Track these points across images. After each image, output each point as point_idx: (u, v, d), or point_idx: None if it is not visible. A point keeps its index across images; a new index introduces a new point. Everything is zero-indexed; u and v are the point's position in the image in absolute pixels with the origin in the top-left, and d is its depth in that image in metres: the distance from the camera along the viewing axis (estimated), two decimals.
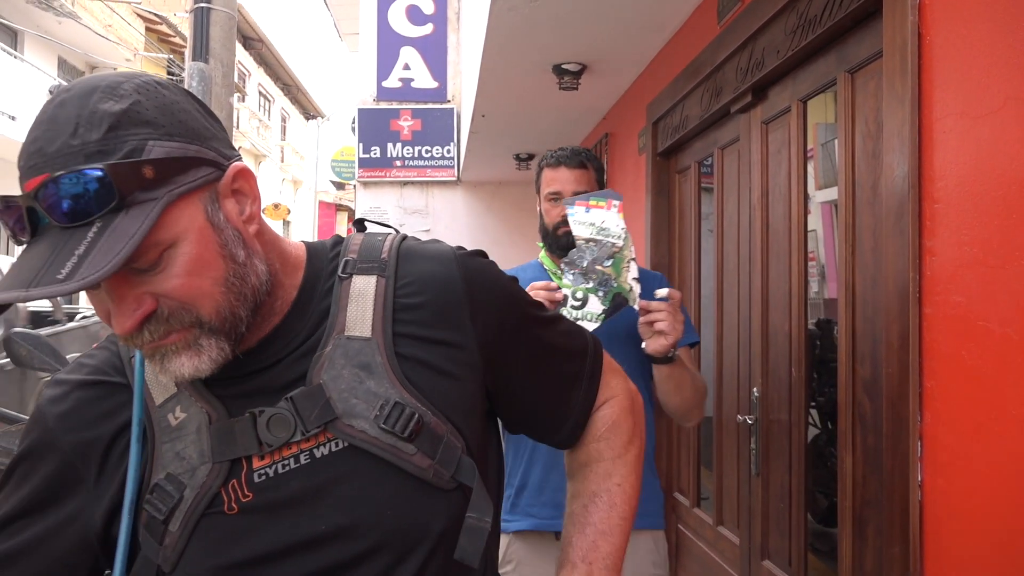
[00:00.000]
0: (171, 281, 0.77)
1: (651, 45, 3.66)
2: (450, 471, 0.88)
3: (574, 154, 2.08)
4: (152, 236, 0.74)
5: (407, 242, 0.98)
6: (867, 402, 1.89)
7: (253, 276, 0.84)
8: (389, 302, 0.91)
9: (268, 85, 24.93)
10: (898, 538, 1.65)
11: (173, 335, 0.79)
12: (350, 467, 0.86)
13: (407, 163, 7.77)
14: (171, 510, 0.85)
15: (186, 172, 0.77)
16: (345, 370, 0.87)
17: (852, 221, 2.00)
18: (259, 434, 0.85)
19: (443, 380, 0.91)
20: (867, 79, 1.97)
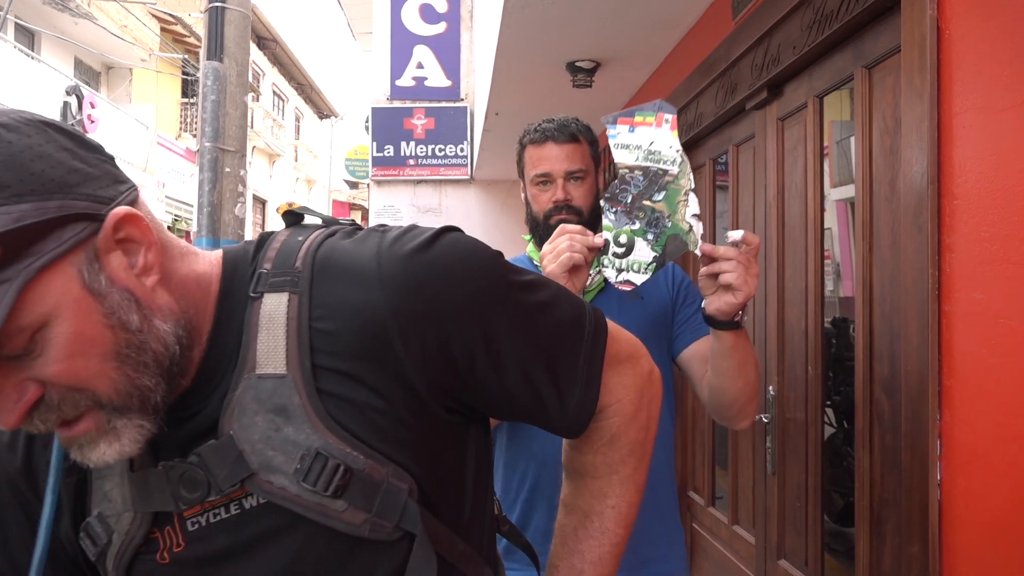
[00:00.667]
0: (50, 367, 0.66)
1: (665, 42, 3.64)
2: (393, 520, 0.77)
3: (562, 126, 1.72)
4: (13, 322, 0.63)
5: (327, 246, 0.81)
6: (885, 400, 1.87)
7: (154, 342, 0.71)
8: (304, 327, 0.76)
9: (282, 84, 25.02)
10: (917, 537, 1.64)
11: (81, 424, 0.69)
12: (277, 523, 0.77)
13: (420, 162, 7.78)
14: (102, 551, 0.81)
15: (46, 237, 0.64)
16: (258, 416, 0.75)
17: (870, 218, 1.98)
18: (172, 490, 0.76)
19: (375, 416, 0.77)
20: (885, 74, 1.95)
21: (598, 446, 0.95)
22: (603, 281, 1.65)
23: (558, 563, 0.96)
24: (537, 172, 1.70)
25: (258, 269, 0.80)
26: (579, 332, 0.90)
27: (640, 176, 1.44)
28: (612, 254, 1.44)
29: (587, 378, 0.90)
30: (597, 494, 0.96)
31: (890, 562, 1.84)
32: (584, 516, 0.96)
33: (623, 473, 0.96)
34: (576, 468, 0.98)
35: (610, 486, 0.95)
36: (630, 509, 0.96)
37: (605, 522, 0.95)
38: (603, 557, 0.94)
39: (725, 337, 1.45)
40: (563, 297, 0.91)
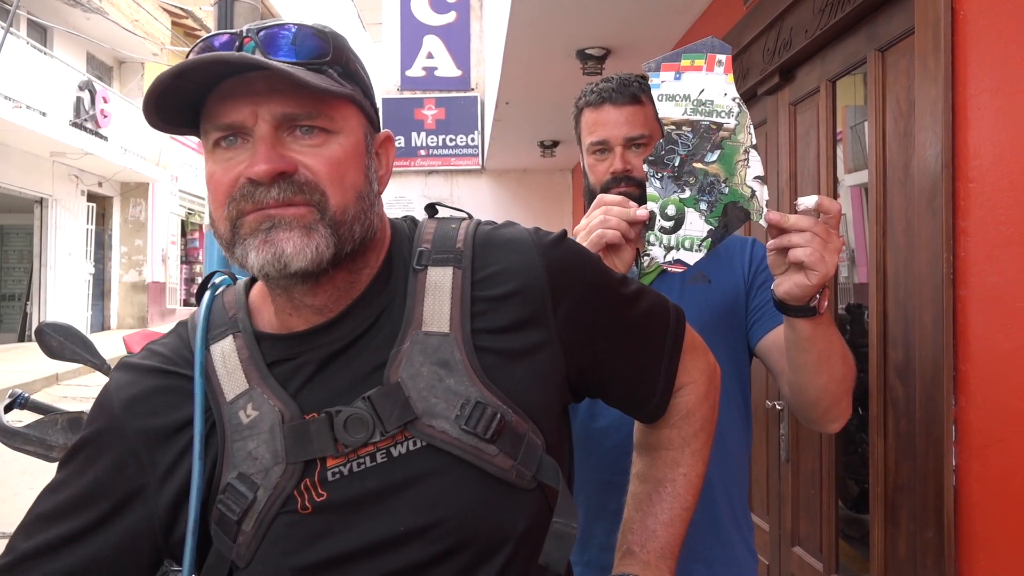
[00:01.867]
0: (321, 156, 0.81)
1: (676, 28, 3.62)
2: (531, 471, 0.86)
3: (623, 85, 1.50)
4: (330, 106, 0.82)
5: (482, 229, 0.95)
6: (899, 386, 1.86)
7: (375, 211, 0.88)
8: (467, 295, 0.88)
9: None
10: (932, 523, 1.63)
11: (296, 207, 0.80)
12: (429, 466, 0.83)
13: (431, 152, 7.77)
14: (244, 510, 0.83)
15: (365, 100, 0.88)
16: (424, 368, 0.84)
17: (883, 202, 1.97)
18: (336, 435, 0.82)
19: (524, 376, 0.87)
20: (898, 57, 1.93)
21: (675, 420, 1.05)
22: None
23: (633, 526, 1.02)
24: (593, 139, 1.51)
25: (418, 247, 0.92)
26: (664, 316, 1.03)
27: (689, 133, 1.20)
28: (659, 229, 1.22)
29: (671, 356, 1.02)
30: (671, 463, 1.04)
31: (905, 548, 1.83)
32: (658, 483, 1.04)
33: (694, 446, 1.05)
34: (651, 443, 1.07)
35: (683, 456, 1.05)
36: (699, 480, 1.05)
37: (677, 488, 1.03)
38: (674, 519, 1.02)
39: (800, 326, 1.20)
40: (648, 289, 1.05)
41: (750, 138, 1.19)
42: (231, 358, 0.88)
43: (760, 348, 1.45)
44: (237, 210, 0.81)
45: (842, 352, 1.26)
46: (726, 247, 1.50)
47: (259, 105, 0.80)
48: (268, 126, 0.80)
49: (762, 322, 1.44)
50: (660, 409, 1.04)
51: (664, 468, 1.04)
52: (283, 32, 0.82)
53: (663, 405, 1.03)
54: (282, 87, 0.79)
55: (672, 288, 1.44)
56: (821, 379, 1.24)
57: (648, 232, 1.23)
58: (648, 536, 1.00)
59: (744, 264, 1.48)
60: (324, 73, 0.82)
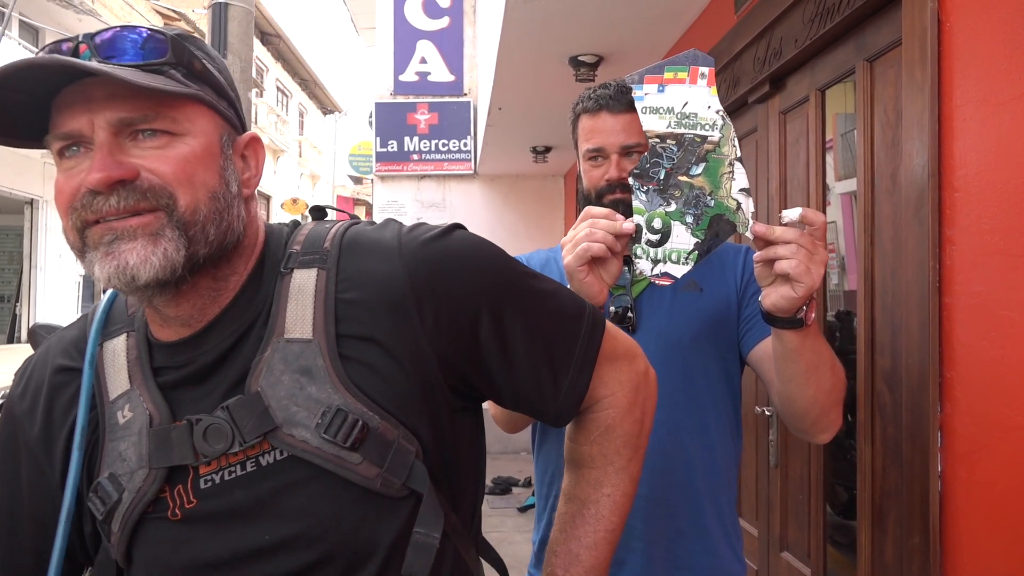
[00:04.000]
0: (164, 159, 0.79)
1: (668, 36, 3.64)
2: (401, 478, 0.83)
3: (620, 92, 1.48)
4: (171, 108, 0.79)
5: (353, 230, 0.91)
6: (887, 393, 1.88)
7: (235, 212, 0.85)
8: (331, 298, 0.85)
9: (286, 80, 25.02)
10: (918, 528, 1.65)
11: (140, 216, 0.78)
12: (294, 476, 0.82)
13: (424, 157, 7.78)
14: (110, 511, 0.84)
15: (219, 99, 0.86)
16: (285, 376, 0.83)
17: (871, 210, 1.99)
18: (195, 443, 0.82)
19: (390, 381, 0.84)
20: (886, 67, 1.95)
21: (595, 436, 0.99)
22: None
23: (557, 548, 1.00)
24: (589, 146, 1.50)
25: (288, 249, 0.90)
26: (577, 322, 0.96)
27: (674, 146, 1.20)
28: (646, 242, 1.20)
29: (580, 364, 0.95)
30: (593, 483, 1.00)
31: (892, 553, 1.85)
32: (581, 504, 1.00)
33: (618, 464, 1.00)
34: (575, 459, 1.03)
35: (605, 476, 0.99)
36: (624, 499, 1.00)
37: (600, 509, 0.99)
38: (597, 543, 0.98)
39: (788, 337, 1.21)
40: (563, 291, 0.99)
41: (735, 150, 1.19)
42: (120, 357, 0.89)
43: (752, 357, 1.46)
44: (81, 220, 0.79)
45: (831, 363, 1.26)
46: (719, 255, 1.51)
47: (94, 112, 0.77)
48: (105, 133, 0.77)
49: (754, 331, 1.45)
50: (564, 416, 0.98)
51: (587, 488, 1.00)
52: (120, 36, 0.79)
53: (567, 412, 0.97)
54: (119, 92, 0.77)
55: (664, 296, 1.46)
56: (810, 390, 1.26)
57: (635, 245, 1.22)
58: (571, 560, 0.98)
59: (736, 273, 1.49)
60: (164, 74, 0.80)
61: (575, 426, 1.02)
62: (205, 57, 0.86)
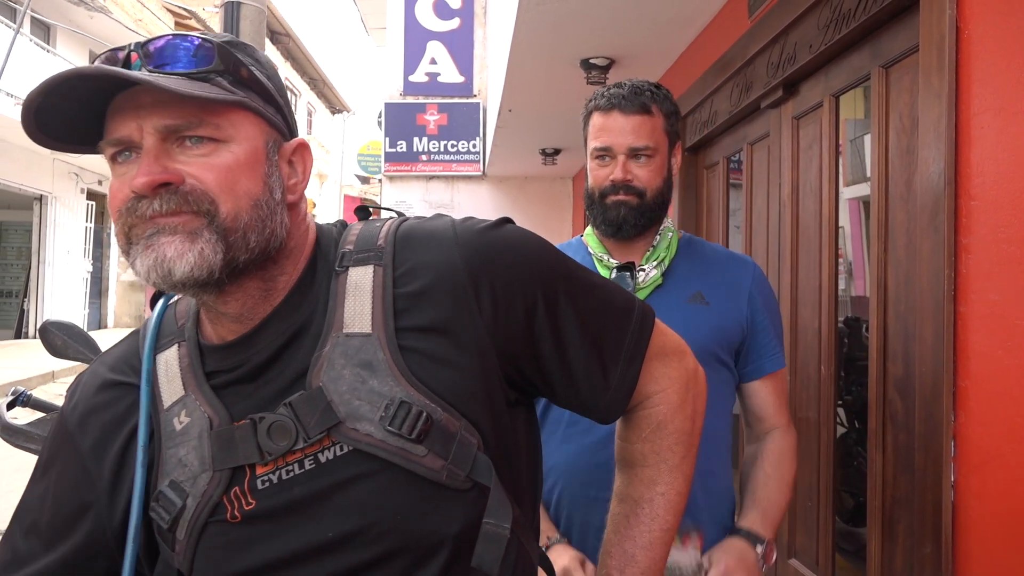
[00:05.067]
0: (209, 165, 0.80)
1: (680, 39, 3.63)
2: (465, 470, 0.83)
3: (635, 93, 1.50)
4: (217, 114, 0.80)
5: (405, 225, 0.92)
6: (899, 401, 1.87)
7: (278, 219, 0.85)
8: (388, 293, 0.86)
9: (295, 79, 25.07)
10: (930, 538, 1.64)
11: (180, 216, 0.79)
12: (357, 470, 0.82)
13: (433, 157, 7.79)
14: (175, 518, 0.84)
15: (267, 104, 0.86)
16: (346, 370, 0.83)
17: (885, 218, 1.98)
18: (259, 441, 0.82)
19: (451, 372, 0.84)
20: (902, 74, 1.95)
21: (646, 433, 0.99)
22: (659, 277, 1.51)
23: (611, 549, 0.99)
24: (597, 144, 1.51)
25: (341, 249, 0.90)
26: (627, 315, 0.97)
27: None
28: None
29: (630, 357, 0.95)
30: (647, 482, 0.99)
31: (902, 563, 1.84)
32: (635, 504, 0.99)
33: (671, 462, 0.99)
34: (627, 458, 1.02)
35: (659, 474, 0.99)
36: (679, 497, 0.99)
37: (655, 508, 0.98)
38: (653, 542, 0.98)
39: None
40: (612, 285, 1.00)
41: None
42: (172, 366, 0.89)
43: (743, 389, 1.56)
44: (128, 223, 0.80)
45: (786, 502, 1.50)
46: (723, 266, 1.56)
47: (143, 119, 0.79)
48: (153, 139, 0.79)
49: (753, 366, 1.54)
50: (614, 410, 0.97)
51: (641, 487, 1.00)
52: (170, 44, 0.81)
53: (617, 406, 0.97)
54: (165, 99, 0.79)
55: (670, 306, 1.47)
56: None
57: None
58: (627, 560, 0.97)
59: (744, 292, 1.53)
60: (211, 82, 0.81)
61: (626, 424, 1.02)
62: (254, 63, 0.87)
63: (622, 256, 1.55)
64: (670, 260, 1.54)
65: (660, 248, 1.54)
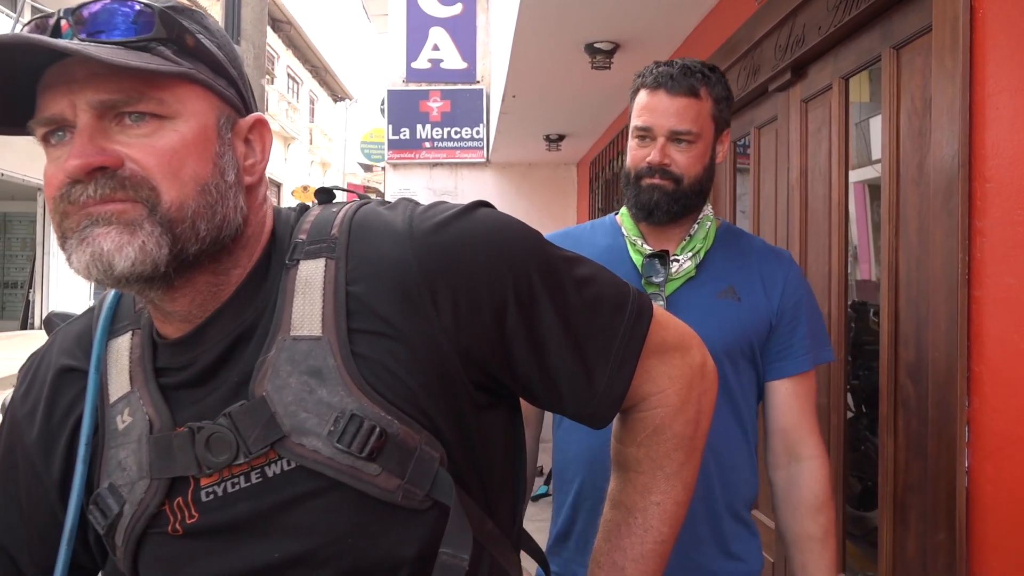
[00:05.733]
0: (150, 147, 0.71)
1: (686, 22, 3.60)
2: (424, 489, 0.75)
3: (684, 74, 1.42)
4: (160, 87, 0.71)
5: (362, 212, 0.83)
6: (910, 386, 1.85)
7: (231, 204, 0.76)
8: (341, 290, 0.77)
9: (296, 67, 25.00)
10: (944, 524, 1.62)
11: (116, 203, 0.70)
12: (304, 489, 0.74)
13: (436, 144, 7.76)
14: (112, 524, 0.78)
15: (216, 76, 0.78)
16: (292, 378, 0.74)
17: (896, 201, 1.96)
18: (196, 453, 0.74)
19: (411, 379, 0.76)
20: (914, 55, 1.92)
21: (641, 438, 0.90)
22: (693, 268, 1.45)
23: (600, 559, 0.92)
24: (639, 123, 1.44)
25: (294, 239, 0.82)
26: (619, 312, 0.87)
27: None
28: None
29: (620, 360, 0.85)
30: (641, 489, 0.91)
31: (914, 549, 1.83)
32: (628, 512, 0.91)
33: (668, 469, 0.90)
34: (621, 462, 0.94)
35: (654, 482, 0.90)
36: (676, 507, 0.91)
37: (649, 519, 0.90)
38: (645, 555, 0.89)
39: None
40: (605, 276, 0.89)
41: None
42: (123, 357, 0.82)
43: (768, 388, 1.49)
44: (61, 211, 0.72)
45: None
46: (757, 261, 1.49)
47: (75, 94, 0.70)
48: (87, 116, 0.70)
49: (779, 364, 1.47)
50: (601, 418, 0.88)
51: (635, 494, 0.91)
52: (105, 9, 0.72)
53: (604, 413, 0.88)
54: (101, 72, 0.69)
55: (700, 300, 1.43)
56: None
57: None
58: (615, 573, 0.89)
59: (777, 290, 1.47)
60: (152, 52, 0.72)
61: (621, 426, 0.94)
62: (202, 31, 0.77)
63: (657, 242, 1.48)
64: (706, 251, 1.48)
65: (696, 238, 1.48)
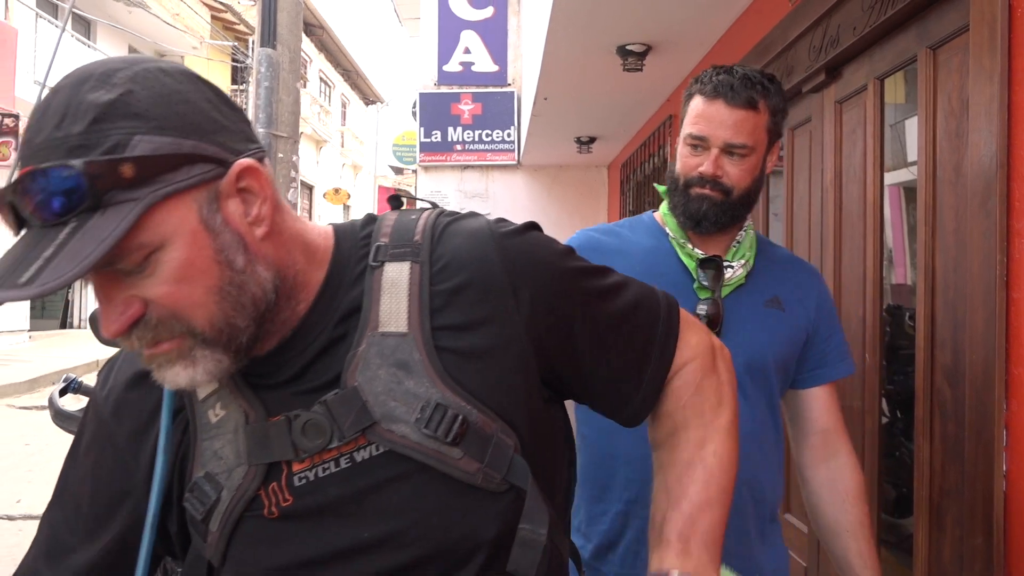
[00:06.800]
0: (159, 287, 0.72)
1: (719, 24, 3.59)
2: (501, 473, 0.82)
3: (744, 85, 1.40)
4: (133, 238, 0.68)
5: (441, 219, 0.90)
6: (947, 389, 1.84)
7: (254, 285, 0.77)
8: (425, 291, 0.83)
9: (329, 71, 25.24)
10: (980, 529, 1.61)
11: (165, 344, 0.74)
12: (392, 472, 0.81)
13: (467, 147, 7.79)
14: (209, 510, 0.83)
15: (177, 170, 0.71)
16: (381, 370, 0.81)
17: (932, 202, 1.94)
18: (293, 439, 0.80)
19: (489, 374, 0.83)
20: (951, 55, 1.90)
21: (686, 399, 0.95)
22: (743, 277, 1.47)
23: (668, 515, 0.89)
24: (694, 131, 1.42)
25: (375, 242, 0.87)
26: (653, 307, 0.97)
27: None
28: None
29: (662, 348, 0.95)
30: (696, 443, 0.93)
31: (950, 554, 1.81)
32: (687, 466, 0.91)
33: (718, 423, 0.94)
34: (668, 429, 0.96)
35: (708, 434, 0.93)
36: (732, 458, 0.93)
37: (710, 468, 0.91)
38: (711, 500, 0.89)
39: None
40: (632, 282, 0.98)
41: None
42: None
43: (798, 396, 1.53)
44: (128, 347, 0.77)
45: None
46: (793, 271, 1.54)
47: None
48: (95, 281, 0.72)
49: (812, 375, 1.51)
50: (644, 409, 0.95)
51: (690, 449, 0.92)
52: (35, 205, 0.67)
53: (647, 404, 0.95)
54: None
55: (751, 308, 1.46)
56: None
57: None
58: (685, 523, 0.87)
59: (813, 300, 1.51)
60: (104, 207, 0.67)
61: (664, 397, 0.97)
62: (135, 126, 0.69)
63: (703, 246, 1.48)
64: (753, 259, 1.49)
65: (744, 246, 1.49)
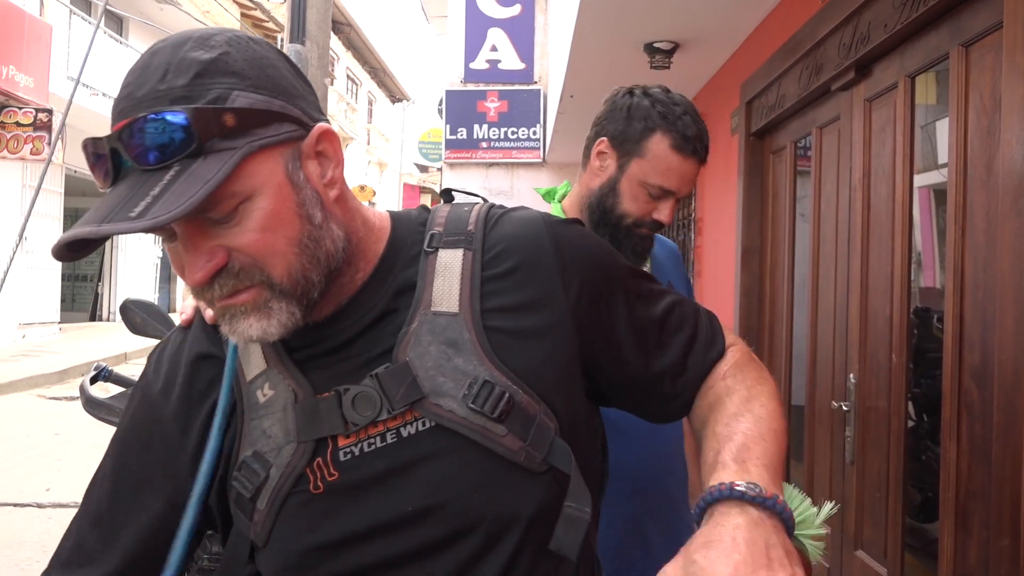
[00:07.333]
0: (245, 235, 0.76)
1: (747, 22, 3.57)
2: (542, 454, 0.83)
3: (705, 144, 1.51)
4: (228, 186, 0.73)
5: (494, 211, 0.94)
6: (975, 390, 1.82)
7: (328, 240, 0.82)
8: (476, 276, 0.87)
9: (356, 69, 25.37)
10: (1007, 531, 1.59)
11: (243, 294, 0.78)
12: (437, 447, 0.83)
13: (493, 144, 7.80)
14: (257, 488, 0.85)
15: (268, 126, 0.76)
16: (432, 347, 0.84)
17: (963, 202, 1.92)
18: (344, 412, 0.83)
19: (535, 356, 0.86)
20: (983, 52, 1.88)
21: (728, 372, 0.97)
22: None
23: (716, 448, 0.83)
24: (663, 184, 1.48)
25: (429, 230, 0.91)
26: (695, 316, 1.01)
27: None
28: None
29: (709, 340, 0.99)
30: (743, 402, 0.90)
31: (976, 556, 1.79)
32: (734, 416, 0.87)
33: (763, 387, 0.94)
34: (709, 402, 0.94)
35: (753, 394, 0.91)
36: (780, 413, 0.90)
37: (759, 416, 0.87)
38: (763, 434, 0.84)
39: None
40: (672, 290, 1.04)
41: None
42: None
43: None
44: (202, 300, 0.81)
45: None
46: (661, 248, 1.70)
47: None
48: (183, 229, 0.75)
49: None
50: (682, 407, 0.97)
51: (739, 403, 0.89)
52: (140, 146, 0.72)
53: (685, 403, 0.97)
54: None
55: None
56: None
57: None
58: (739, 449, 0.81)
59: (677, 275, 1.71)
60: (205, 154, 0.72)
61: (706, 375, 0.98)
62: (235, 83, 0.75)
63: None
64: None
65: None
